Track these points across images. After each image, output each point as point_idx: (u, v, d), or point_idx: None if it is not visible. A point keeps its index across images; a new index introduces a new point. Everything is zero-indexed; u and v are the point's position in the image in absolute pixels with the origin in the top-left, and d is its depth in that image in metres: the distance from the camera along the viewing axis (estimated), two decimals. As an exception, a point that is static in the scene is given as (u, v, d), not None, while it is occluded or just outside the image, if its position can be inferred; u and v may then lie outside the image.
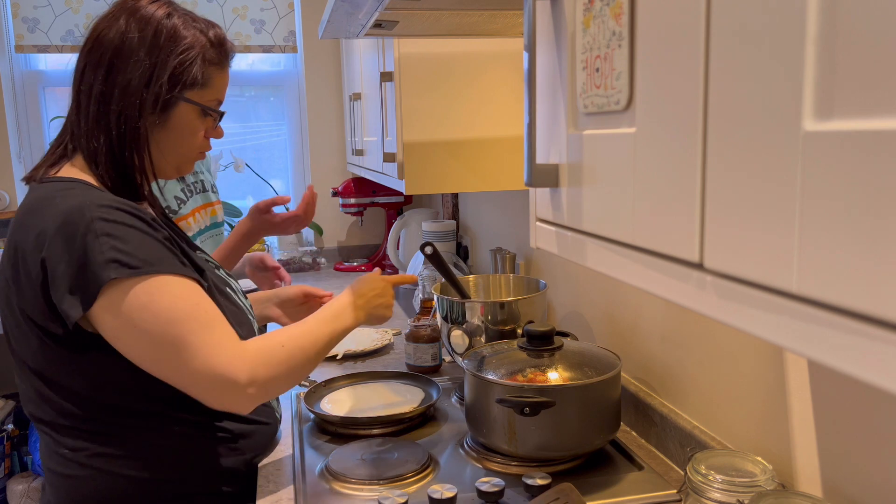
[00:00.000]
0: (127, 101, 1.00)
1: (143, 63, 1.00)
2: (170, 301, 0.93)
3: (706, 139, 0.45)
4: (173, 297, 0.94)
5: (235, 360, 0.95)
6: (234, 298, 1.15)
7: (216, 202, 1.87)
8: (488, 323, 1.38)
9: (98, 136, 1.01)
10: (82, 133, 1.02)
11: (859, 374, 0.33)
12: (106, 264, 0.91)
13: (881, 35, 0.31)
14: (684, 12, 0.46)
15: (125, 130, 1.01)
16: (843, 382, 0.82)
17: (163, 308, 0.93)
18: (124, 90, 1.00)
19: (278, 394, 1.02)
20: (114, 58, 1.00)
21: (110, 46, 1.00)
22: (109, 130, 1.00)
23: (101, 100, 1.00)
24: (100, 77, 1.00)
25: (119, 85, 1.00)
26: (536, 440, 1.07)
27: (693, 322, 1.11)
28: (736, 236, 0.42)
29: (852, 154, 0.33)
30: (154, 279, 0.93)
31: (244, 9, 2.93)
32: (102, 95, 1.00)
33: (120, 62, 1.00)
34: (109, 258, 0.91)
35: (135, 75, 1.00)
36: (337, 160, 3.04)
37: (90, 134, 1.01)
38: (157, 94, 1.01)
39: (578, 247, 0.65)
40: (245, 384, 0.95)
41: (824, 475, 0.86)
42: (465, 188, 1.56)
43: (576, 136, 0.63)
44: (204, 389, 0.96)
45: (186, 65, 1.02)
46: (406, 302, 2.29)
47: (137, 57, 1.00)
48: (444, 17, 1.17)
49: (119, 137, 1.01)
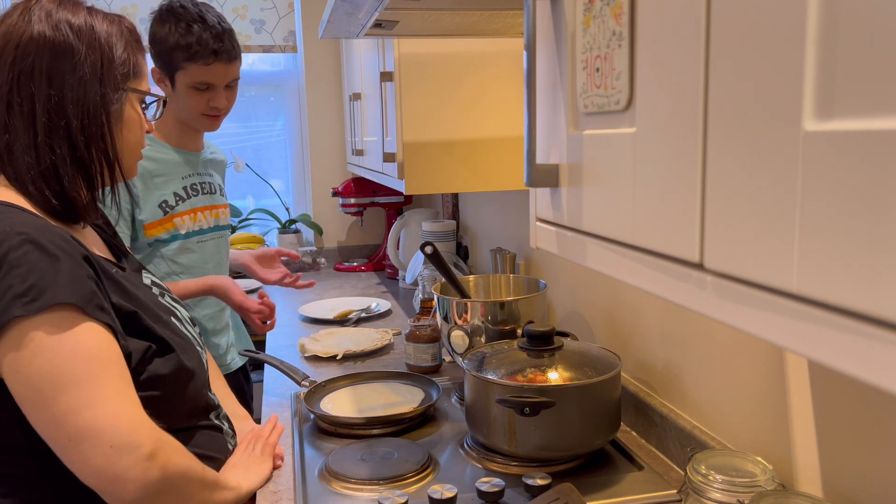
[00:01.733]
0: (86, 103, 0.94)
1: (88, 62, 0.94)
2: (70, 347, 0.85)
3: (706, 139, 0.45)
4: (73, 345, 0.85)
5: (135, 426, 0.85)
6: (177, 328, 1.05)
7: (222, 205, 1.85)
8: (488, 323, 1.38)
9: (54, 149, 0.93)
10: (22, 149, 0.92)
11: (859, 374, 0.33)
12: (11, 301, 0.83)
13: (881, 35, 0.31)
14: (684, 12, 0.46)
15: (90, 134, 0.95)
16: (843, 382, 0.82)
17: (59, 355, 0.84)
18: (79, 93, 0.93)
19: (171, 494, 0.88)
20: (53, 62, 0.92)
21: (43, 51, 0.92)
22: (71, 138, 0.93)
23: (53, 108, 0.92)
24: (43, 85, 0.92)
25: (71, 88, 0.93)
26: (536, 440, 1.07)
27: (693, 322, 1.11)
28: (736, 236, 0.42)
29: (852, 154, 0.33)
30: (57, 316, 0.84)
31: (244, 9, 2.93)
32: (54, 104, 0.92)
33: (63, 65, 0.93)
34: (14, 294, 0.83)
35: (85, 75, 0.94)
36: (337, 160, 3.04)
37: (40, 148, 0.92)
38: (112, 90, 0.96)
39: (578, 247, 0.65)
40: (144, 457, 0.84)
41: (824, 475, 0.86)
42: (465, 188, 1.56)
43: (576, 136, 0.63)
44: (92, 449, 0.83)
45: (125, 57, 0.98)
46: (406, 302, 2.29)
47: (80, 57, 0.93)
48: (444, 17, 1.17)
49: (85, 143, 0.95)
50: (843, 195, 0.33)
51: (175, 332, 1.03)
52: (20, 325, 0.83)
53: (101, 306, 0.88)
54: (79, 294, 0.86)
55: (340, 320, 2.07)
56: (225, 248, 1.84)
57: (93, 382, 0.85)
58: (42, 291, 0.84)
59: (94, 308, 0.87)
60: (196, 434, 1.07)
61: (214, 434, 1.10)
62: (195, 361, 1.05)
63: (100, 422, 0.84)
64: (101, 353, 0.87)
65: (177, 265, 1.67)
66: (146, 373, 0.96)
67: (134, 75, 1.00)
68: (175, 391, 1.01)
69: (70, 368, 0.84)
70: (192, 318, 1.16)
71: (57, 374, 0.84)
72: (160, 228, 1.63)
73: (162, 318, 1.02)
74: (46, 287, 0.84)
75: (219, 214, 1.81)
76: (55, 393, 0.84)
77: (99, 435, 0.83)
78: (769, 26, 0.38)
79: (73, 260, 0.87)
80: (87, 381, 0.85)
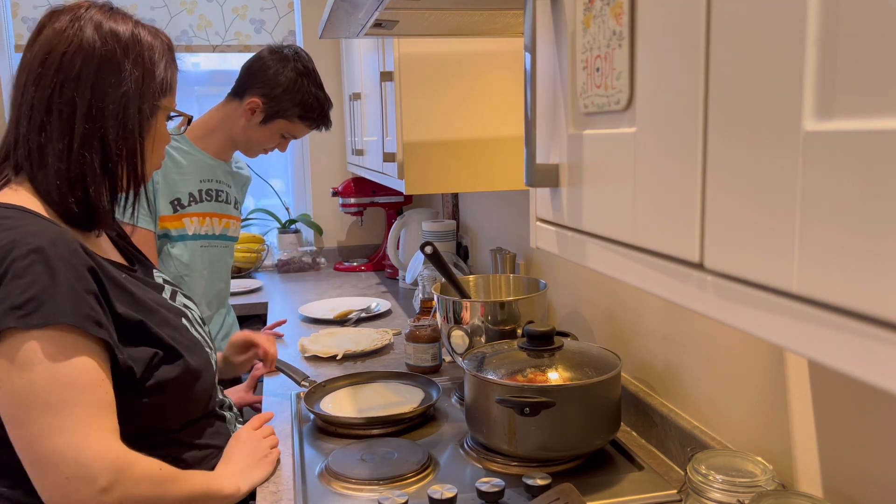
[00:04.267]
0: (125, 116, 0.96)
1: (133, 77, 0.96)
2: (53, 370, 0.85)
3: (706, 139, 0.45)
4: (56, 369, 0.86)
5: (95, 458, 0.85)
6: (186, 330, 1.07)
7: (234, 217, 1.88)
8: (488, 323, 1.38)
9: (85, 157, 0.95)
10: (55, 154, 0.94)
11: (859, 374, 0.33)
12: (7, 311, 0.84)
13: (881, 35, 0.31)
14: (684, 12, 0.46)
15: (124, 146, 0.97)
16: (843, 382, 0.82)
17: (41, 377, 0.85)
18: (120, 105, 0.96)
19: None
20: (99, 73, 0.94)
21: (90, 62, 0.94)
22: (105, 148, 0.95)
23: (93, 118, 0.94)
24: (86, 94, 0.94)
25: (112, 100, 0.95)
26: (536, 440, 1.07)
27: (693, 322, 1.11)
28: (736, 236, 0.42)
29: (852, 154, 0.33)
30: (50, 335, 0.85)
31: (244, 9, 2.93)
32: (94, 113, 0.94)
33: (108, 77, 0.95)
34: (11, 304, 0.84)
35: (129, 89, 0.96)
36: (337, 160, 3.04)
37: (73, 155, 0.94)
38: (150, 105, 0.99)
39: (578, 247, 0.65)
40: (98, 491, 0.85)
41: (824, 475, 0.86)
42: (465, 188, 1.56)
43: (576, 136, 0.63)
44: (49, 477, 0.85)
45: (164, 74, 1.01)
46: (406, 302, 2.29)
47: (125, 73, 0.96)
48: (444, 17, 1.17)
49: (118, 154, 0.97)
50: (843, 195, 0.33)
51: (183, 334, 1.05)
52: (13, 337, 0.84)
53: (99, 322, 0.89)
54: (76, 312, 0.86)
55: (340, 320, 2.07)
56: (228, 259, 1.87)
57: (65, 409, 0.85)
58: (39, 306, 0.84)
59: (91, 325, 0.88)
60: (200, 427, 1.11)
61: (218, 424, 1.15)
62: (202, 361, 1.06)
63: (62, 450, 0.85)
64: (82, 377, 0.87)
65: (181, 264, 1.70)
66: (153, 378, 0.97)
67: (168, 91, 1.03)
68: (182, 393, 1.04)
69: (46, 393, 0.85)
70: (201, 315, 1.19)
71: (34, 396, 0.85)
72: (170, 224, 1.67)
73: (171, 322, 1.03)
74: (44, 303, 0.84)
75: (228, 224, 1.84)
76: (28, 414, 0.85)
77: (58, 464, 0.85)
78: (769, 26, 0.38)
79: (75, 274, 0.88)
80: (59, 407, 0.85)
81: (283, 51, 1.77)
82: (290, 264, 2.85)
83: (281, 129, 1.79)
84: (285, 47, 1.79)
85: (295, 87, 1.74)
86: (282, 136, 1.81)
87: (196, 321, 1.13)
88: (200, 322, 1.15)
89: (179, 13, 2.84)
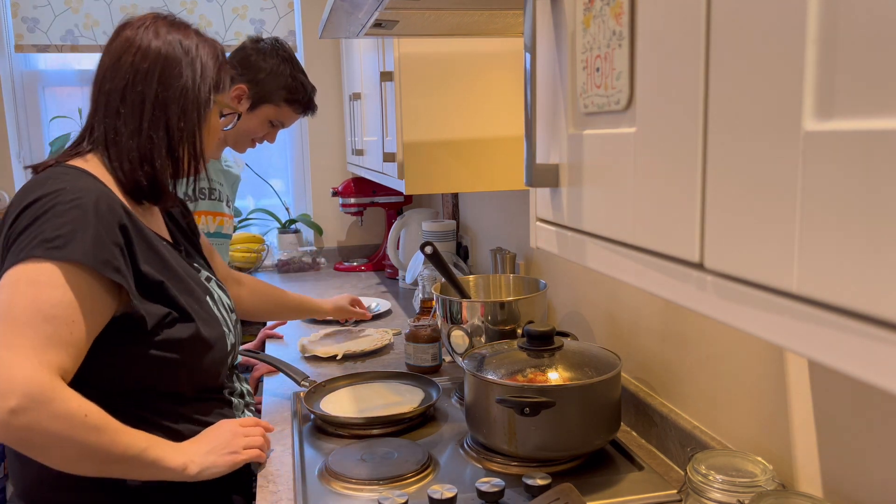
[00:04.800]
0: (185, 105, 1.13)
1: (190, 73, 1.14)
2: (40, 294, 0.94)
3: (706, 139, 0.45)
4: (44, 294, 0.94)
5: (20, 379, 0.89)
6: (208, 305, 1.16)
7: (227, 215, 1.92)
8: (488, 323, 1.38)
9: (153, 138, 1.11)
10: (128, 133, 1.10)
11: (859, 374, 0.33)
12: (39, 243, 0.95)
13: (881, 35, 0.31)
14: (684, 12, 0.46)
15: (185, 130, 1.13)
16: (843, 382, 0.82)
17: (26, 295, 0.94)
18: (181, 96, 1.12)
19: (32, 451, 0.93)
20: (164, 69, 1.12)
21: (158, 60, 1.12)
22: (169, 131, 1.12)
23: (159, 104, 1.11)
24: (153, 85, 1.11)
25: (174, 91, 1.12)
26: (536, 440, 1.07)
27: (693, 322, 1.11)
28: (736, 236, 0.42)
29: (853, 154, 0.33)
30: (62, 269, 0.95)
31: (244, 8, 2.93)
32: (160, 101, 1.11)
33: (171, 72, 1.12)
34: (43, 238, 0.96)
35: (187, 82, 1.13)
36: (337, 160, 3.04)
37: (143, 135, 1.11)
38: (204, 98, 1.15)
39: (578, 247, 0.65)
40: (7, 409, 0.88)
41: (824, 475, 0.86)
42: (465, 188, 1.56)
43: (576, 136, 0.63)
44: None
45: (216, 74, 1.18)
46: (406, 302, 2.28)
47: (185, 69, 1.13)
48: (444, 17, 1.17)
49: (179, 137, 1.13)
50: (843, 195, 0.33)
51: (203, 306, 1.14)
52: (32, 264, 0.95)
53: (118, 268, 1.00)
54: (95, 256, 0.97)
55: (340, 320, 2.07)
56: (224, 256, 1.89)
57: (23, 330, 0.93)
58: (65, 244, 0.96)
59: (108, 269, 0.98)
60: (203, 403, 1.15)
61: (224, 407, 1.19)
62: (215, 335, 1.14)
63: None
64: (54, 310, 0.94)
65: None
66: (162, 335, 1.06)
67: (221, 90, 1.20)
68: (191, 358, 1.10)
69: (20, 310, 0.93)
70: (231, 304, 1.28)
71: (10, 308, 0.93)
72: None
73: (193, 292, 1.14)
74: (70, 241, 0.96)
75: (223, 222, 1.89)
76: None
77: None
78: (769, 26, 0.38)
79: (106, 226, 1.00)
80: (20, 325, 0.93)
81: (264, 40, 1.83)
82: (290, 264, 2.85)
83: (268, 115, 1.81)
84: (265, 38, 1.85)
85: (278, 70, 1.78)
86: (270, 125, 1.83)
87: (223, 304, 1.23)
88: (228, 308, 1.25)
89: (179, 13, 2.83)
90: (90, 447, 0.94)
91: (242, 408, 1.25)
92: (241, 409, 1.25)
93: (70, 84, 2.89)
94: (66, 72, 2.88)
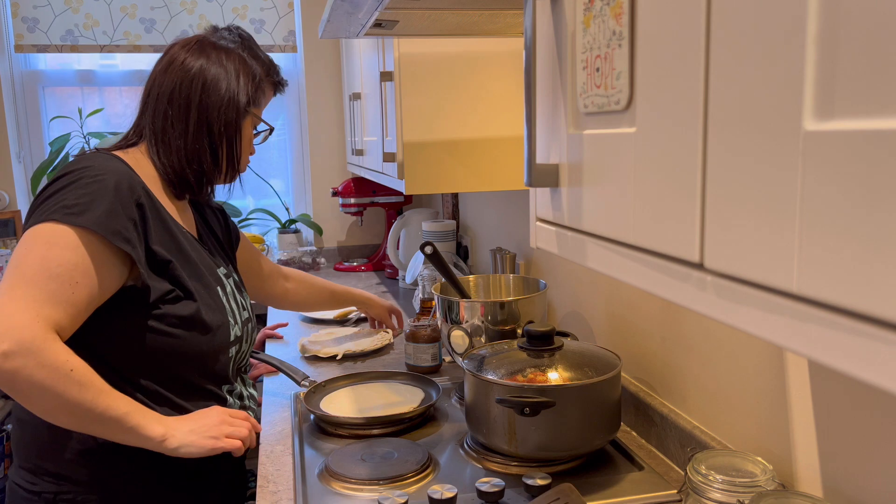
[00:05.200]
0: (226, 112, 1.23)
1: (230, 86, 1.24)
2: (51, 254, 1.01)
3: (706, 139, 0.45)
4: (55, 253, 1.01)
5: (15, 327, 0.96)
6: (216, 293, 1.22)
7: None
8: (488, 323, 1.38)
9: (199, 139, 1.21)
10: (177, 134, 1.21)
11: (860, 374, 0.33)
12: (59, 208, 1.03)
13: (881, 35, 0.31)
14: (685, 12, 0.46)
15: (225, 134, 1.23)
16: (843, 382, 0.82)
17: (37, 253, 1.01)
18: (222, 104, 1.22)
19: (16, 395, 0.99)
20: (206, 80, 1.22)
21: (201, 73, 1.22)
22: (211, 134, 1.22)
23: (202, 109, 1.21)
24: (198, 91, 1.21)
25: (217, 99, 1.22)
26: (536, 440, 1.07)
27: (693, 322, 1.11)
28: (736, 236, 0.42)
29: (852, 154, 0.33)
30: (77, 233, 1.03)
31: (244, 8, 2.93)
32: (203, 106, 1.21)
33: (214, 84, 1.22)
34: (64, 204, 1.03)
35: (228, 92, 1.23)
36: (337, 160, 3.04)
37: (189, 136, 1.21)
38: (243, 108, 1.25)
39: (578, 247, 0.65)
40: (2, 350, 0.94)
41: (824, 475, 0.86)
42: (465, 188, 1.56)
43: (576, 136, 0.63)
44: None
45: (252, 89, 1.27)
46: (406, 302, 2.28)
47: (225, 82, 1.23)
48: (444, 17, 1.17)
49: (219, 140, 1.23)
50: (843, 195, 0.33)
51: (211, 294, 1.20)
52: (50, 225, 1.03)
53: (128, 239, 1.06)
54: (107, 226, 1.04)
55: (340, 320, 2.07)
56: None
57: (28, 282, 0.99)
58: (82, 211, 1.03)
59: (118, 239, 1.05)
60: (194, 393, 1.17)
61: (218, 403, 1.20)
62: (218, 322, 1.19)
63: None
64: (59, 269, 1.01)
65: None
66: (163, 309, 1.12)
67: (256, 104, 1.30)
68: (190, 338, 1.14)
69: (28, 264, 1.00)
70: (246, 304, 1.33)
71: (22, 262, 1.01)
72: None
73: (203, 278, 1.19)
74: (87, 210, 1.04)
75: None
76: (7, 270, 1.02)
77: None
78: (769, 26, 0.38)
79: (123, 202, 1.07)
80: (26, 278, 0.99)
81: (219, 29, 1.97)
82: (290, 264, 2.85)
83: None
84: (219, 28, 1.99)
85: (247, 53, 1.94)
86: None
87: (234, 298, 1.27)
88: (240, 305, 1.29)
89: (179, 13, 2.83)
90: (70, 401, 0.99)
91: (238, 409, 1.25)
92: (238, 409, 1.25)
93: (70, 84, 2.89)
94: (66, 72, 2.88)
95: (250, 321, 1.33)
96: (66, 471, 1.11)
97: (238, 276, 1.38)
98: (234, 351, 1.24)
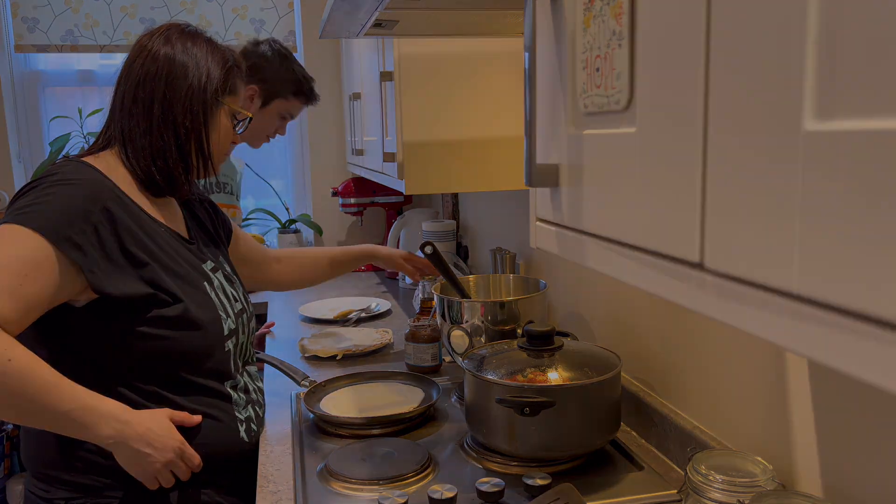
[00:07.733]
0: (191, 105, 1.19)
1: (196, 76, 1.19)
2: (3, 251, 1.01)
3: (706, 139, 0.45)
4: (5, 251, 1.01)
5: None
6: (205, 289, 1.20)
7: (237, 206, 2.19)
8: (488, 323, 1.38)
9: (163, 136, 1.18)
10: (140, 132, 1.17)
11: (860, 374, 0.33)
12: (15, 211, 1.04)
13: (881, 35, 0.31)
14: (684, 12, 0.46)
15: (191, 129, 1.19)
16: (843, 382, 0.82)
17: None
18: (187, 96, 1.18)
19: None
20: (171, 71, 1.18)
21: (166, 63, 1.18)
22: (176, 130, 1.18)
23: (167, 104, 1.17)
24: (161, 86, 1.17)
25: (181, 91, 1.18)
26: (536, 440, 1.07)
27: (693, 322, 1.11)
28: (736, 236, 0.42)
29: (852, 154, 0.33)
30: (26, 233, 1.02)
31: (244, 9, 2.93)
32: (167, 100, 1.17)
33: (178, 74, 1.18)
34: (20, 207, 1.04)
35: (193, 84, 1.19)
36: (337, 160, 3.04)
37: (154, 133, 1.17)
38: (211, 99, 1.20)
39: (579, 247, 0.65)
40: None
41: (824, 475, 0.86)
42: (465, 188, 1.56)
43: (576, 136, 0.63)
44: None
45: (223, 77, 1.22)
46: (406, 302, 2.28)
47: (191, 72, 1.19)
48: (444, 17, 1.17)
49: (186, 135, 1.19)
50: (843, 195, 0.33)
51: (197, 290, 1.18)
52: (5, 226, 1.03)
53: (78, 245, 1.04)
54: (55, 231, 1.03)
55: (340, 320, 2.07)
56: None
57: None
58: (33, 214, 1.03)
59: (64, 244, 1.03)
60: (200, 394, 1.16)
61: (218, 398, 1.19)
62: (208, 319, 1.17)
63: None
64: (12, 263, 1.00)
65: None
66: (151, 312, 1.11)
67: (229, 92, 1.25)
68: (181, 337, 1.13)
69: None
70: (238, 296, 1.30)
71: None
72: None
73: (187, 276, 1.17)
74: (38, 214, 1.03)
75: (235, 214, 2.12)
76: None
77: None
78: (769, 26, 0.38)
79: (84, 208, 1.06)
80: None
81: (262, 42, 2.04)
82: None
83: (279, 109, 2.02)
84: (262, 40, 2.06)
85: (283, 66, 2.01)
86: (281, 118, 2.04)
87: (224, 291, 1.26)
88: (231, 297, 1.27)
89: (179, 13, 2.83)
90: (6, 392, 0.97)
91: (244, 404, 1.24)
92: (242, 405, 1.23)
93: (70, 84, 2.89)
94: (66, 72, 2.88)
95: (245, 312, 1.30)
96: (77, 479, 1.10)
97: (230, 268, 1.36)
98: (232, 344, 1.22)
